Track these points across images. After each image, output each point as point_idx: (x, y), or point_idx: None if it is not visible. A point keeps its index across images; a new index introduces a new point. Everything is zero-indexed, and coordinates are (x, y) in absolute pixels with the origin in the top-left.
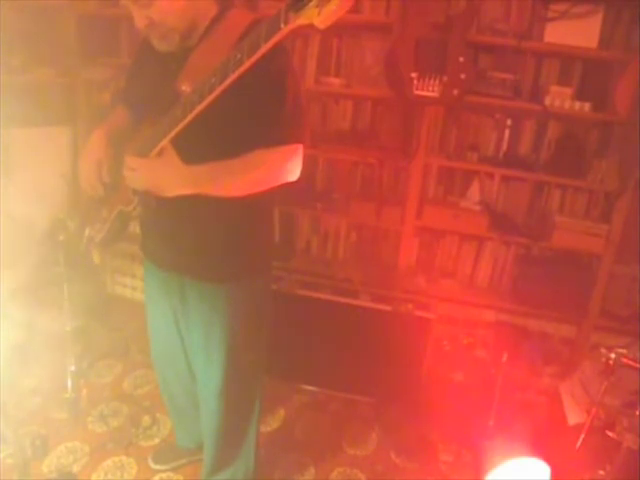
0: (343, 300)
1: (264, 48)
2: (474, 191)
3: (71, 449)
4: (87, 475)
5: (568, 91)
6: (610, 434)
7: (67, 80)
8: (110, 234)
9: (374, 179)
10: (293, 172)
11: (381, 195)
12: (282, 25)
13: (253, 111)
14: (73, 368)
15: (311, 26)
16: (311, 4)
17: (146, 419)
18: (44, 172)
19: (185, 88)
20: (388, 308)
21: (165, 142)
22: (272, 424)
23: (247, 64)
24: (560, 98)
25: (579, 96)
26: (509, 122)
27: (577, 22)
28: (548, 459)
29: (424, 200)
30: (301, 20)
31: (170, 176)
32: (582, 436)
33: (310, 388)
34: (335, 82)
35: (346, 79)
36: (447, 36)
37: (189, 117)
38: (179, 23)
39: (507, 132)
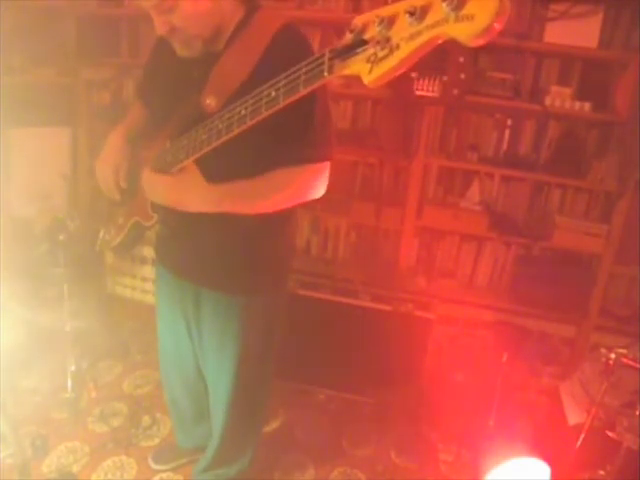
0: (343, 300)
1: (302, 92)
2: (474, 191)
3: (71, 449)
4: (87, 475)
5: (568, 91)
6: (610, 434)
7: (67, 80)
8: (126, 241)
9: (374, 179)
10: (319, 190)
11: (381, 195)
12: (325, 74)
13: (280, 130)
14: (73, 368)
15: (359, 78)
16: (360, 56)
17: (146, 419)
18: (44, 172)
19: (210, 102)
20: (388, 308)
21: (188, 162)
22: (272, 424)
23: (282, 104)
24: (560, 98)
25: (579, 96)
26: (509, 122)
27: (577, 22)
28: (548, 459)
29: (424, 200)
30: (347, 71)
31: (193, 195)
32: (582, 436)
33: (310, 388)
34: (335, 82)
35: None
36: None
37: (214, 144)
38: (203, 29)
39: (507, 132)
